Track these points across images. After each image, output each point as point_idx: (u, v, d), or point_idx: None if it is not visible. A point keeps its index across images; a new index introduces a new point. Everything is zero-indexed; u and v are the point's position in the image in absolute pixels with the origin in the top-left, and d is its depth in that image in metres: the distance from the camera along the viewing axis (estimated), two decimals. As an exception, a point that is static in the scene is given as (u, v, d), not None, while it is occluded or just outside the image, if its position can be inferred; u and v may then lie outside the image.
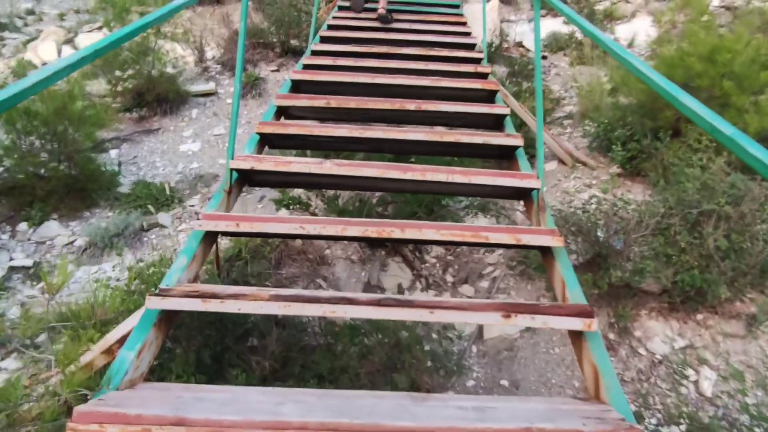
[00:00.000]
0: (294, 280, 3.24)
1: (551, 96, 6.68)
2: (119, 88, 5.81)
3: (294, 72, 3.68)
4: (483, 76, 4.14)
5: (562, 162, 4.82)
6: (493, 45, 8.01)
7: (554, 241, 2.14)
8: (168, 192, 4.32)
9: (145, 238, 3.86)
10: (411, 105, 3.24)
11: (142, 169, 4.81)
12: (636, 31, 9.33)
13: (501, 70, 7.75)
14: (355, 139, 2.92)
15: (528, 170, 2.76)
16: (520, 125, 4.81)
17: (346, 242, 3.73)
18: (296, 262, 3.33)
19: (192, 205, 4.22)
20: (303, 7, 7.80)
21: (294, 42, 7.04)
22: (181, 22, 8.44)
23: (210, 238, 2.26)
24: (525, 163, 2.88)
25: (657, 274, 2.88)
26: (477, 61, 4.51)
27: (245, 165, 2.55)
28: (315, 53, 4.46)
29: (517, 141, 2.93)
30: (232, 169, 2.56)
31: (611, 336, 3.03)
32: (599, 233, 3.36)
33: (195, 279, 2.15)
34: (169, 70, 7.29)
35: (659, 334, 3.03)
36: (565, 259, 2.17)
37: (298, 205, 3.48)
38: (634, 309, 3.10)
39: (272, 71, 6.63)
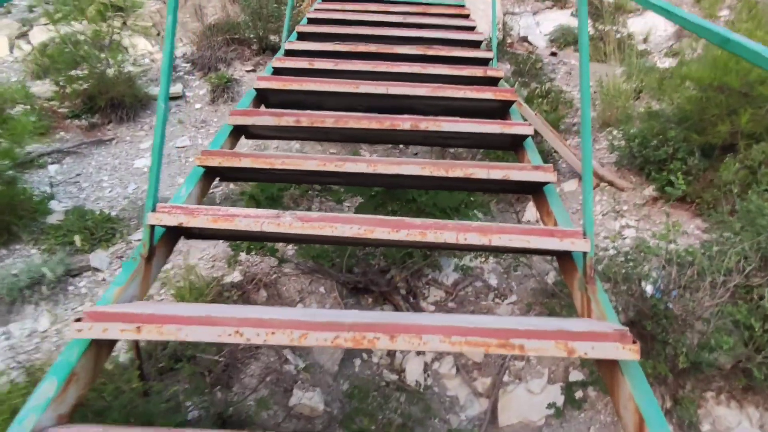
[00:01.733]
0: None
1: (563, 98, 5.93)
2: (68, 90, 5.01)
3: (260, 79, 2.92)
4: (494, 81, 3.38)
5: (583, 181, 4.09)
6: (496, 39, 7.23)
7: (626, 352, 1.41)
8: (109, 222, 3.55)
9: (72, 287, 3.09)
10: (405, 123, 2.49)
11: (84, 190, 4.03)
12: (650, 26, 8.60)
13: (505, 68, 6.99)
14: (330, 173, 2.17)
15: (566, 221, 2.02)
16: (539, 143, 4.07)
17: (323, 294, 2.99)
18: (255, 358, 2.59)
19: (137, 240, 3.46)
20: (285, -2, 7.00)
21: (274, 38, 6.24)
22: (149, 14, 7.62)
23: (103, 346, 1.51)
24: (560, 209, 2.14)
25: (735, 352, 2.17)
26: (485, 62, 3.75)
27: (170, 220, 1.80)
28: (289, 53, 3.69)
29: (548, 176, 2.19)
30: (152, 226, 1.81)
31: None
32: (645, 286, 2.62)
33: (71, 414, 1.40)
34: (132, 68, 6.50)
35: (733, 426, 2.32)
36: (640, 379, 1.44)
37: (258, 252, 2.74)
38: (696, 389, 2.39)
39: (248, 71, 5.84)
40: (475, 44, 4.12)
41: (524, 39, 8.08)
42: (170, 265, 3.15)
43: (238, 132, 2.66)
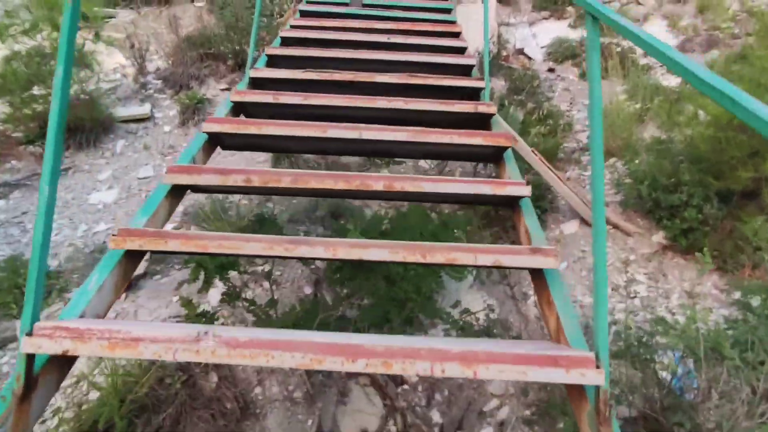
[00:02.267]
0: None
1: (560, 119, 5.53)
2: (23, 113, 4.57)
3: (210, 121, 2.49)
4: (485, 120, 2.97)
5: (585, 222, 3.68)
6: (491, 54, 6.83)
7: None
8: (47, 277, 3.11)
9: (-7, 364, 2.66)
10: (377, 183, 2.07)
11: (28, 233, 3.59)
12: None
13: (500, 84, 6.59)
14: (278, 257, 1.76)
15: (578, 341, 1.59)
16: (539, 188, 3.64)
17: (286, 372, 2.56)
18: (204, 420, 2.18)
19: (79, 298, 3.03)
20: (264, 8, 6.57)
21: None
22: (123, 25, 7.17)
23: None
24: (568, 310, 1.72)
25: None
26: (476, 93, 3.34)
27: (52, 347, 1.39)
28: (254, 83, 3.27)
29: (549, 261, 1.78)
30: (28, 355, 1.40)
31: None
32: (661, 369, 2.22)
33: None
34: (103, 84, 6.06)
35: None
36: None
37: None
38: None
39: (222, 90, 5.41)
40: (466, 70, 3.71)
41: (520, 51, 7.68)
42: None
43: (181, 189, 2.24)
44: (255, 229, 2.64)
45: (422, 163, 5.03)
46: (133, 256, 1.84)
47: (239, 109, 3.00)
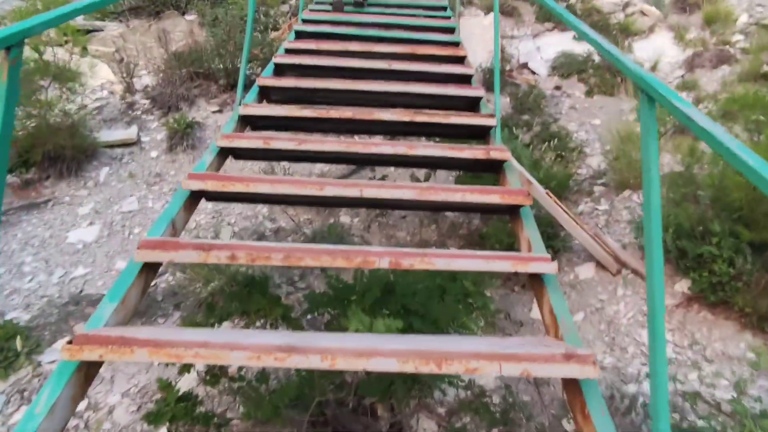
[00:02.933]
0: None
1: (569, 143, 5.28)
2: None
3: (191, 177, 2.21)
4: (497, 166, 2.71)
5: (602, 266, 3.42)
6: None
7: None
8: (16, 336, 2.79)
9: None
10: (382, 260, 1.81)
11: (0, 277, 3.31)
12: (657, 50, 7.97)
13: (504, 101, 6.34)
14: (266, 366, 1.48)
15: None
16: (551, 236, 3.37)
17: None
18: None
19: (51, 362, 2.72)
20: (257, 23, 6.30)
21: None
22: (111, 39, 6.88)
23: None
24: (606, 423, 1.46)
25: None
26: (486, 132, 3.08)
27: None
28: (244, 120, 3.00)
29: (587, 370, 1.51)
30: None
31: None
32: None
33: None
34: (89, 103, 5.77)
35: None
36: None
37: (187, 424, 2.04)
38: None
39: (213, 112, 5.12)
40: (473, 103, 3.45)
41: (524, 66, 7.43)
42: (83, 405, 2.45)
43: (154, 267, 1.96)
44: (243, 296, 2.37)
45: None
46: (92, 366, 1.56)
47: (228, 152, 2.74)
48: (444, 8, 5.59)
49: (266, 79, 3.37)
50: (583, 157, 5.26)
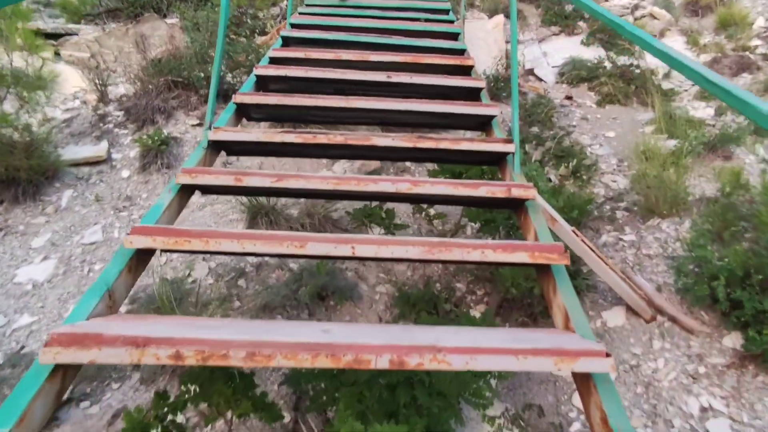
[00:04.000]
0: None
1: (584, 159, 4.82)
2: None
3: (135, 232, 1.73)
4: (517, 203, 2.25)
5: (634, 312, 2.96)
6: (499, 77, 6.11)
7: None
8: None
9: None
10: (382, 359, 1.34)
11: (-72, 330, 2.82)
12: (669, 55, 7.53)
13: (507, 112, 5.88)
14: None
15: None
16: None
17: None
18: None
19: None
20: (243, 27, 5.83)
21: (229, 78, 5.06)
22: (86, 43, 6.37)
23: None
24: None
25: None
26: (501, 158, 2.61)
27: None
28: (215, 146, 2.53)
29: None
30: None
31: None
32: None
33: None
34: (59, 113, 5.28)
35: None
36: None
37: None
38: None
39: (193, 126, 4.63)
40: (485, 121, 2.98)
41: (530, 72, 6.97)
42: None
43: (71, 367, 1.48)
44: (204, 379, 1.89)
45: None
46: None
47: (192, 188, 2.26)
48: (446, 11, 5.12)
49: (245, 95, 2.89)
50: (600, 175, 4.80)
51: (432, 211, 3.79)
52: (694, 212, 3.50)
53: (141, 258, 1.81)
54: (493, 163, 2.86)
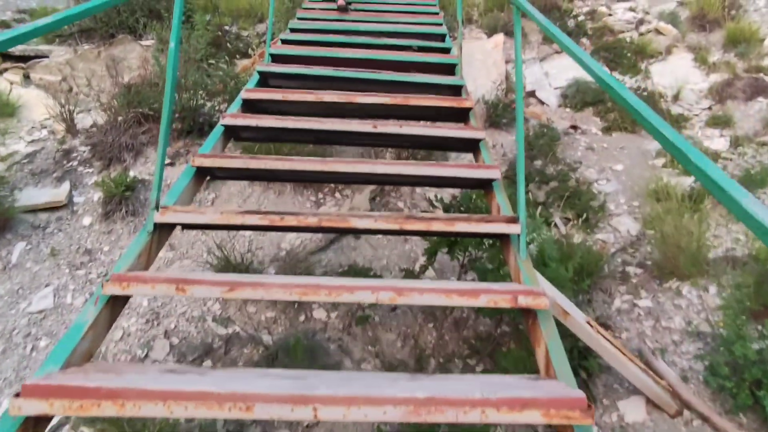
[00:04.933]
0: None
1: (591, 199, 4.43)
2: None
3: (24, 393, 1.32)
4: (531, 313, 1.85)
5: (655, 405, 2.57)
6: (500, 103, 5.71)
7: None
8: None
9: None
10: None
11: None
12: (677, 74, 7.15)
13: (510, 140, 5.48)
14: None
15: None
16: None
17: None
18: None
19: None
20: (222, 52, 5.43)
21: (210, 107, 4.65)
22: (57, 66, 5.95)
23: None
24: None
25: None
26: (505, 236, 2.21)
27: None
28: (161, 229, 2.13)
29: None
30: None
31: None
32: None
33: None
34: (22, 147, 4.87)
35: None
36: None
37: None
38: None
39: (164, 165, 4.23)
40: (486, 184, 2.59)
41: (531, 94, 6.58)
42: None
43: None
44: None
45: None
46: None
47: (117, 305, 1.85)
48: (442, 37, 4.72)
49: (205, 157, 2.49)
50: (608, 217, 4.41)
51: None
52: (721, 279, 3.10)
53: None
54: (495, 237, 2.47)
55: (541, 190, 4.47)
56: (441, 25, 4.91)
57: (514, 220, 2.16)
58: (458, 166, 2.59)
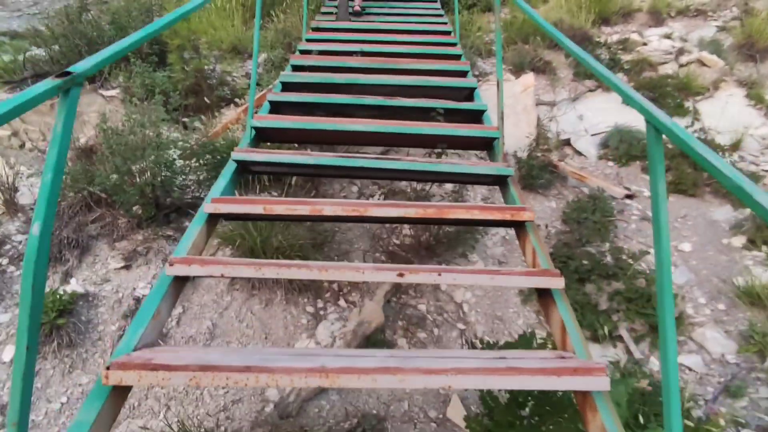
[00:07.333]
0: None
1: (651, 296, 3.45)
2: None
3: None
4: None
5: None
6: (534, 161, 4.75)
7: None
8: None
9: None
10: None
11: None
12: (729, 115, 6.19)
13: (549, 209, 4.52)
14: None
15: None
16: None
17: None
18: None
19: None
20: (199, 97, 4.52)
21: (182, 187, 3.69)
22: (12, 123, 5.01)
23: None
24: None
25: None
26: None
27: None
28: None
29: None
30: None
31: None
32: None
33: None
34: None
35: None
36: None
37: None
38: None
39: (116, 269, 3.25)
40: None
41: (566, 143, 5.63)
42: None
43: None
44: None
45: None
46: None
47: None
48: (471, 91, 3.77)
49: (179, 263, 1.53)
50: (690, 328, 3.45)
51: None
52: None
53: None
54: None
55: (602, 291, 3.50)
56: (471, 77, 3.96)
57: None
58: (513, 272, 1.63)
